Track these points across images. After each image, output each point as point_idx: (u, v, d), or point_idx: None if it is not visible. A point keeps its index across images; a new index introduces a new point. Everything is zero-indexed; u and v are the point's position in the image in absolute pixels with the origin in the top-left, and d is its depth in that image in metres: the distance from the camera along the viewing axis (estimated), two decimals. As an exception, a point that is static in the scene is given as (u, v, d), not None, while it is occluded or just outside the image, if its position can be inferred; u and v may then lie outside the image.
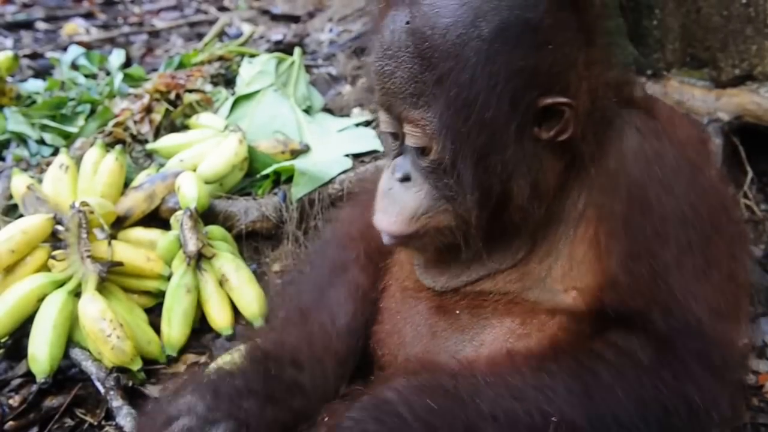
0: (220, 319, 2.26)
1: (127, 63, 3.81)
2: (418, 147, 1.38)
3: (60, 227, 2.23)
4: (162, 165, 2.69)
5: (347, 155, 2.70)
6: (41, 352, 2.07)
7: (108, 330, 2.04)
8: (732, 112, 2.61)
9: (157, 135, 2.88)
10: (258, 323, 2.24)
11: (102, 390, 2.01)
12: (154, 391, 2.06)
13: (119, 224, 2.42)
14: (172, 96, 3.00)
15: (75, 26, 5.37)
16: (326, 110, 3.12)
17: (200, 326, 2.31)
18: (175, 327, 2.21)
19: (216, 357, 2.09)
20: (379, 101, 1.42)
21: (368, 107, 2.97)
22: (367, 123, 2.91)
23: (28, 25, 5.42)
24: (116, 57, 3.69)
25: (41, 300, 2.14)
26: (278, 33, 4.24)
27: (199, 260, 2.27)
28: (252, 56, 3.33)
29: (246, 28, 4.28)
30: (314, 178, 2.56)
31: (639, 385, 1.29)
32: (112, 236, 2.30)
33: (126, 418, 1.90)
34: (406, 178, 1.42)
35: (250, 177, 2.68)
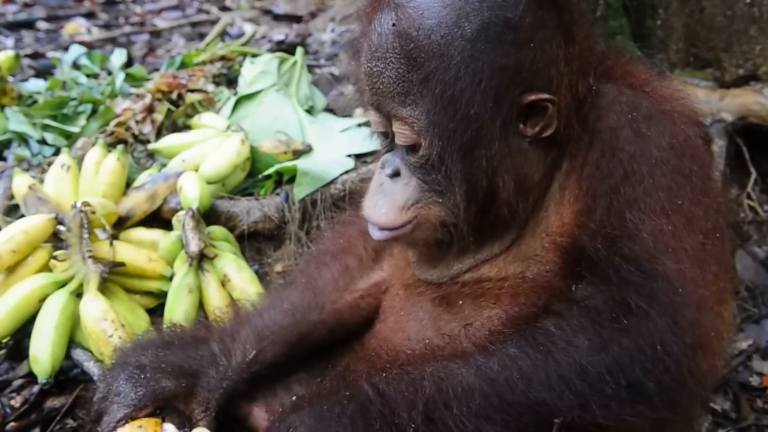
0: (222, 320, 2.25)
1: (129, 63, 3.80)
2: (407, 144, 1.43)
3: (61, 227, 2.22)
4: (164, 165, 2.68)
5: (349, 155, 2.69)
6: (43, 353, 2.06)
7: (110, 330, 2.04)
8: (736, 113, 2.61)
9: (159, 135, 2.87)
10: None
11: (104, 391, 2.00)
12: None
13: (121, 224, 2.41)
14: (174, 96, 3.00)
15: (76, 26, 5.37)
16: (328, 110, 3.12)
17: (202, 327, 2.30)
18: (177, 327, 2.20)
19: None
20: (369, 101, 1.47)
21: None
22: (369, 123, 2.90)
23: (30, 25, 5.42)
24: (118, 56, 3.68)
25: (43, 300, 2.14)
26: (280, 33, 4.23)
27: (201, 261, 2.26)
28: (254, 56, 3.32)
29: (248, 28, 4.28)
30: (316, 179, 2.56)
31: (597, 334, 1.25)
32: (114, 236, 2.29)
33: (128, 419, 1.88)
34: (396, 174, 1.47)
35: (252, 177, 2.67)
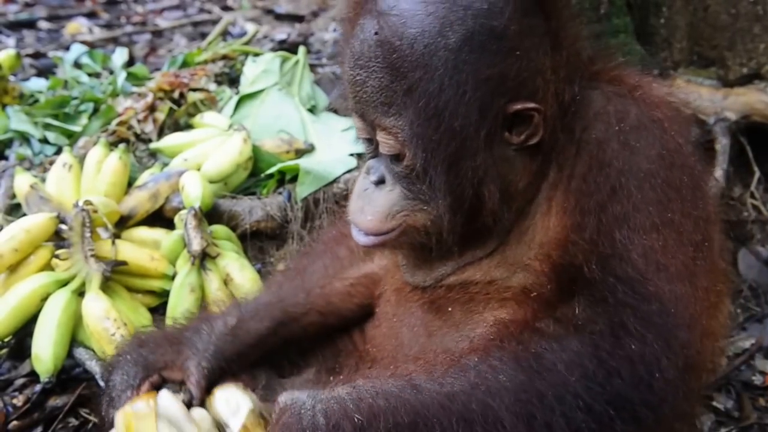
0: (225, 319, 2.24)
1: (130, 62, 3.80)
2: (391, 154, 1.41)
3: (63, 226, 2.22)
4: (166, 164, 2.68)
5: (352, 154, 2.69)
6: (45, 352, 2.06)
7: (112, 329, 2.03)
8: (739, 112, 2.60)
9: (161, 134, 2.87)
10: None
11: (106, 390, 2.00)
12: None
13: (123, 223, 2.41)
14: (176, 95, 2.99)
15: (78, 25, 5.36)
16: (331, 109, 3.11)
17: (204, 326, 2.30)
18: (180, 326, 2.19)
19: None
20: (353, 108, 1.45)
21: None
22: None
23: (31, 25, 5.41)
24: (119, 55, 3.68)
25: (45, 299, 2.14)
26: (282, 32, 4.23)
27: (204, 260, 2.25)
28: (256, 55, 3.32)
29: (249, 28, 4.27)
30: (319, 178, 2.56)
31: (578, 352, 1.25)
32: (116, 235, 2.29)
33: (130, 418, 1.88)
34: (381, 181, 1.46)
35: (255, 176, 2.67)
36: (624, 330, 1.25)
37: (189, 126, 2.93)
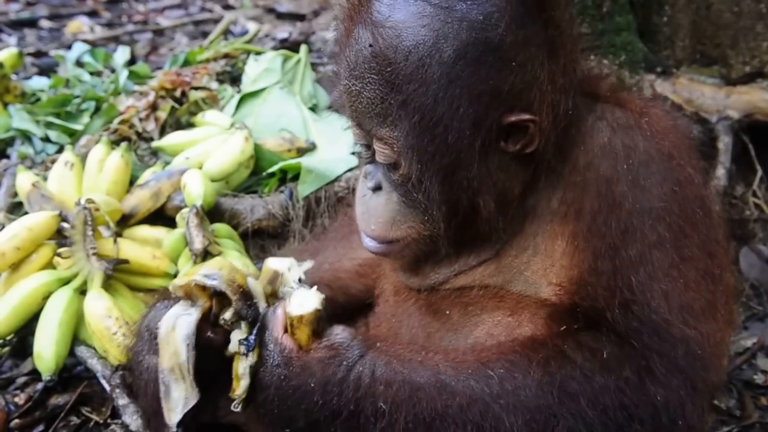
0: (226, 317, 2.24)
1: (132, 61, 3.79)
2: (388, 162, 1.41)
3: (65, 224, 2.21)
4: (167, 163, 2.67)
5: (353, 153, 2.68)
6: (47, 350, 2.06)
7: (114, 328, 2.03)
8: (742, 110, 2.60)
9: (163, 132, 2.86)
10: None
11: (108, 388, 2.00)
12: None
13: (125, 222, 2.40)
14: (178, 93, 2.98)
15: (79, 24, 5.36)
16: (332, 108, 3.10)
17: (206, 324, 2.30)
18: (181, 325, 2.19)
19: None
20: (350, 116, 1.45)
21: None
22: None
23: (32, 24, 5.41)
24: (121, 54, 3.67)
25: (46, 298, 2.13)
26: (284, 31, 4.23)
27: (205, 258, 2.25)
28: (258, 54, 3.32)
29: (251, 27, 4.27)
30: (320, 176, 2.55)
31: (603, 390, 1.25)
32: (118, 234, 2.29)
33: (132, 417, 1.88)
34: (378, 188, 1.46)
35: (256, 175, 2.67)
36: (651, 377, 1.26)
37: (190, 125, 2.93)
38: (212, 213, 2.41)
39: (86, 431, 2.03)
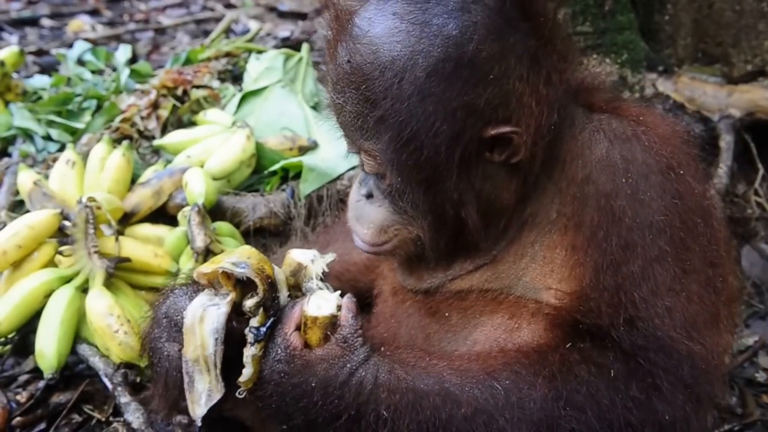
0: (228, 316, 2.24)
1: (133, 60, 3.79)
2: (374, 173, 1.44)
3: (67, 223, 2.21)
4: (169, 161, 2.67)
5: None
6: (48, 348, 2.06)
7: (115, 326, 2.04)
8: (744, 109, 2.60)
9: (164, 131, 2.86)
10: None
11: (110, 386, 2.00)
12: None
13: (126, 220, 2.40)
14: (179, 92, 2.98)
15: (80, 23, 5.36)
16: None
17: (208, 322, 2.30)
18: (183, 323, 2.19)
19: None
20: (338, 127, 1.47)
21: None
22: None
23: (33, 22, 5.42)
24: (123, 52, 3.67)
25: (48, 296, 2.14)
26: (285, 30, 4.23)
27: (207, 256, 2.25)
28: (259, 52, 3.31)
29: (253, 25, 4.27)
30: (322, 175, 2.55)
31: (609, 406, 1.25)
32: (119, 232, 2.29)
33: (134, 414, 1.89)
34: (370, 195, 1.49)
35: (258, 173, 2.67)
36: (657, 394, 1.26)
37: (192, 123, 2.93)
38: (214, 211, 2.41)
39: (88, 429, 2.03)
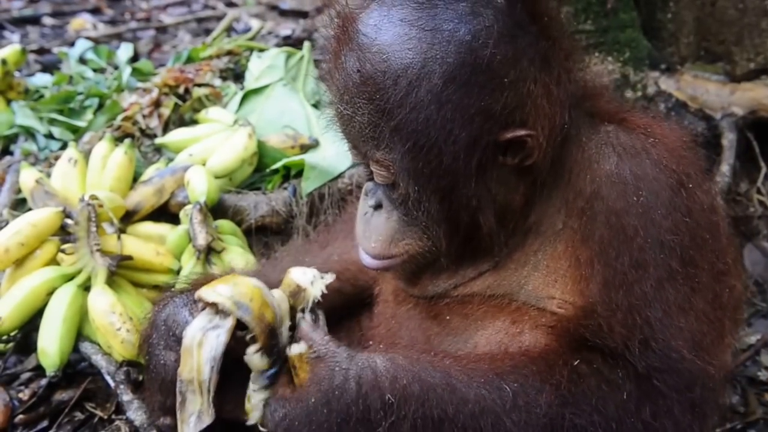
0: (230, 314, 2.24)
1: (135, 58, 3.79)
2: (386, 183, 1.41)
3: (69, 221, 2.21)
4: (171, 159, 2.67)
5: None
6: (51, 346, 2.06)
7: (118, 323, 2.04)
8: (746, 107, 2.59)
9: (166, 129, 2.87)
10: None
11: (112, 384, 2.00)
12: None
13: (128, 218, 2.40)
14: (181, 90, 2.99)
15: (82, 21, 5.37)
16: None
17: (209, 321, 2.30)
18: (185, 321, 2.19)
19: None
20: (344, 139, 1.44)
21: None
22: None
23: (35, 21, 5.42)
24: (124, 51, 3.67)
25: (50, 294, 2.13)
26: (287, 28, 4.23)
27: (209, 254, 2.25)
28: (261, 51, 3.31)
29: (254, 24, 4.26)
30: (324, 173, 2.55)
31: (618, 424, 1.25)
32: (121, 230, 2.29)
33: (136, 412, 1.89)
34: (379, 206, 1.46)
35: (260, 172, 2.66)
36: (668, 416, 1.26)
37: (194, 121, 2.93)
38: (216, 209, 2.41)
39: (90, 427, 2.03)
